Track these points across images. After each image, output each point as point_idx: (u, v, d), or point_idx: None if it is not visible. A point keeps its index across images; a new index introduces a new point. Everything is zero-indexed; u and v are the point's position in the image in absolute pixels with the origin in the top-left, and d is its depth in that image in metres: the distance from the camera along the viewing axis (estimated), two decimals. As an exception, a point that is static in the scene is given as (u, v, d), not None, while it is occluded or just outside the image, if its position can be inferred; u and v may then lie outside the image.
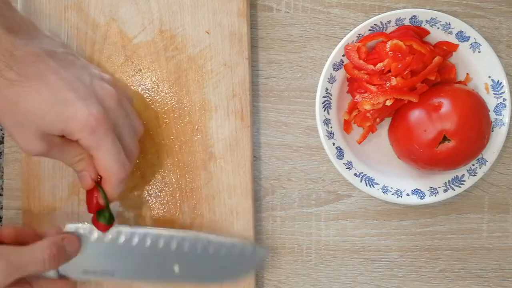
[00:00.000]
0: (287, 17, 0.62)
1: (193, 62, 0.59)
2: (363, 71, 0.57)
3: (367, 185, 0.59)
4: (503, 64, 0.59)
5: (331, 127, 0.59)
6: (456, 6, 0.61)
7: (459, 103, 0.55)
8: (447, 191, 0.59)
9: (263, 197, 0.62)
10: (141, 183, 0.59)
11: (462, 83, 0.60)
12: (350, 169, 0.59)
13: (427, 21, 0.58)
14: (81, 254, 0.53)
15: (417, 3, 0.61)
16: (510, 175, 0.62)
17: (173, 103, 0.59)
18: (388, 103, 0.56)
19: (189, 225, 0.59)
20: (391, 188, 0.59)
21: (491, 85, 0.59)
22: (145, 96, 0.59)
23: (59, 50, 0.50)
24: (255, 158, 0.61)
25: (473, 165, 0.59)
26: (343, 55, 0.58)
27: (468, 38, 0.59)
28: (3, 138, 0.62)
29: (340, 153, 0.59)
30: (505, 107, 0.59)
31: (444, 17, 0.58)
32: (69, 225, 0.54)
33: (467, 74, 0.60)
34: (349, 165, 0.59)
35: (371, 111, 0.57)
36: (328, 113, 0.59)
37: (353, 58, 0.57)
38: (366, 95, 0.57)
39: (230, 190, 0.59)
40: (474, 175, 0.59)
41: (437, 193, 0.59)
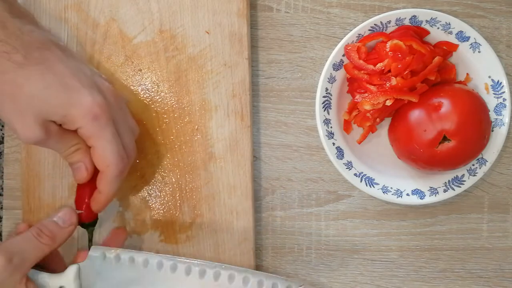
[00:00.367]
0: (287, 17, 0.62)
1: (193, 62, 0.59)
2: (363, 71, 0.57)
3: (367, 185, 0.59)
4: (503, 64, 0.59)
5: (331, 127, 0.59)
6: (456, 6, 0.61)
7: (459, 103, 0.55)
8: (447, 191, 0.59)
9: (263, 197, 0.62)
10: (141, 183, 0.59)
11: (462, 83, 0.60)
12: (350, 169, 0.59)
13: (427, 21, 0.58)
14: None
15: (417, 3, 0.61)
16: (510, 175, 0.62)
17: (173, 103, 0.59)
18: (388, 103, 0.56)
19: (189, 225, 0.59)
20: (391, 188, 0.59)
21: (491, 85, 0.59)
22: (145, 96, 0.59)
23: (60, 42, 0.51)
24: (255, 158, 0.61)
25: (473, 165, 0.59)
26: (343, 55, 0.58)
27: (468, 38, 0.59)
28: (3, 138, 0.62)
29: (340, 153, 0.59)
30: (505, 107, 0.59)
31: (444, 17, 0.58)
32: (94, 248, 0.52)
33: (467, 74, 0.60)
34: (349, 165, 0.59)
35: (371, 111, 0.57)
36: (328, 113, 0.59)
37: (353, 58, 0.57)
38: (366, 95, 0.57)
39: (230, 190, 0.59)
40: (474, 175, 0.59)
41: (437, 193, 0.59)
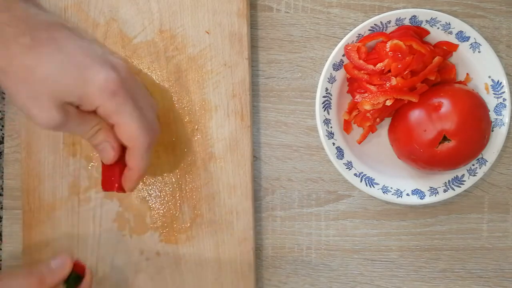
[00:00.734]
0: (287, 17, 0.62)
1: (193, 62, 0.59)
2: (363, 71, 0.57)
3: (367, 185, 0.59)
4: (503, 64, 0.59)
5: (331, 127, 0.59)
6: (456, 6, 0.61)
7: (459, 103, 0.55)
8: (447, 191, 0.59)
9: (263, 197, 0.62)
10: (141, 183, 0.59)
11: (462, 83, 0.60)
12: (350, 169, 0.59)
13: (427, 21, 0.58)
14: None
15: (417, 3, 0.61)
16: (510, 175, 0.62)
17: (173, 103, 0.59)
18: (388, 103, 0.56)
19: (189, 225, 0.59)
20: (391, 188, 0.59)
21: (491, 85, 0.59)
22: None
23: (68, 23, 0.49)
24: (255, 158, 0.61)
25: (473, 165, 0.59)
26: (343, 55, 0.58)
27: (468, 38, 0.59)
28: (3, 138, 0.62)
29: (340, 153, 0.59)
30: (505, 107, 0.59)
31: (444, 17, 0.58)
32: None
33: (467, 74, 0.60)
34: (349, 165, 0.59)
35: (371, 111, 0.57)
36: (328, 113, 0.59)
37: (353, 58, 0.57)
38: (366, 95, 0.57)
39: (230, 190, 0.59)
40: (474, 175, 0.59)
41: (437, 193, 0.59)
